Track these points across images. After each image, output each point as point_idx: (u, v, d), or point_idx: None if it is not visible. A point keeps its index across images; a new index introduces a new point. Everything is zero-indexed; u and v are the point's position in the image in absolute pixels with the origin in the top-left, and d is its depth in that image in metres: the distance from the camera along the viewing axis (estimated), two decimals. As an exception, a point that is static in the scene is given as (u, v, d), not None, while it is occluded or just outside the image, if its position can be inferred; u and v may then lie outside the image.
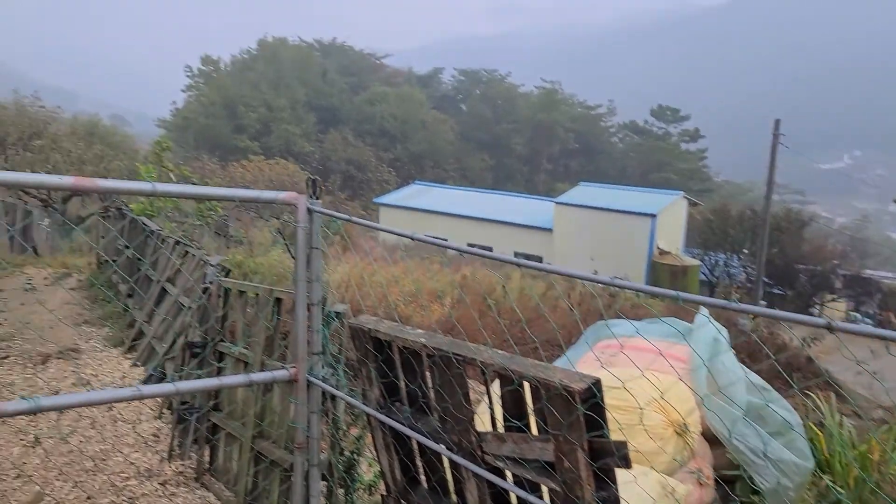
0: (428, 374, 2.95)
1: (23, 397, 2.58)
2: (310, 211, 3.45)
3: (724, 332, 4.60)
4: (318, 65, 77.97)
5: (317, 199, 3.52)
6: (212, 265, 6.14)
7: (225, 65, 75.16)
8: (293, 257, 8.91)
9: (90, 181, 2.99)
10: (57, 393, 6.39)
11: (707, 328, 4.51)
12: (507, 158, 78.17)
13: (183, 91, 71.93)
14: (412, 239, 3.02)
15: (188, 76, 71.91)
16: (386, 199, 45.64)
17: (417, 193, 44.90)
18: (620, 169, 77.78)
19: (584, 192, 37.20)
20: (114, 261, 11.93)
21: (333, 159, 63.95)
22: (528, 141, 78.63)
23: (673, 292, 2.01)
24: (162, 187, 3.14)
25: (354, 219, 3.76)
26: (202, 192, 3.56)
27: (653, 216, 32.95)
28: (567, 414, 2.23)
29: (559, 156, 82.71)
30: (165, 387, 3.29)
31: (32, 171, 19.80)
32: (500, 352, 2.56)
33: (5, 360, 7.51)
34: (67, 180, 2.93)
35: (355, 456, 3.83)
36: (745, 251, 35.80)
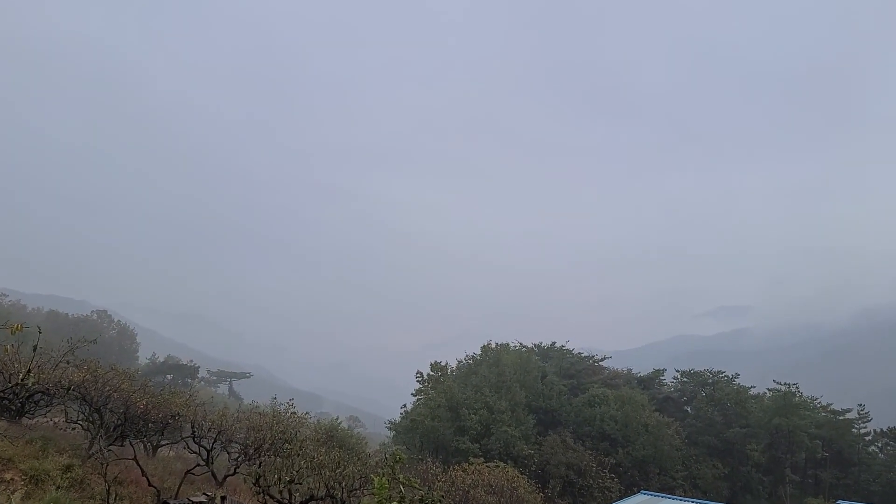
0: None
1: None
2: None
3: None
4: (538, 368, 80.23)
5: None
6: None
7: (451, 370, 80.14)
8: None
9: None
10: None
11: None
12: (742, 466, 70.64)
13: (413, 395, 76.91)
14: None
15: (418, 381, 77.30)
16: (609, 510, 42.56)
17: (644, 505, 41.43)
18: (886, 483, 66.41)
19: (846, 513, 31.85)
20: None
21: (552, 463, 62.24)
22: (767, 448, 71.15)
23: None
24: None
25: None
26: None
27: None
28: None
29: (806, 466, 73.25)
30: None
31: (280, 477, 21.46)
32: None
33: None
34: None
35: None
36: None
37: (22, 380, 15.62)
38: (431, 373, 77.78)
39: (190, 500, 11.91)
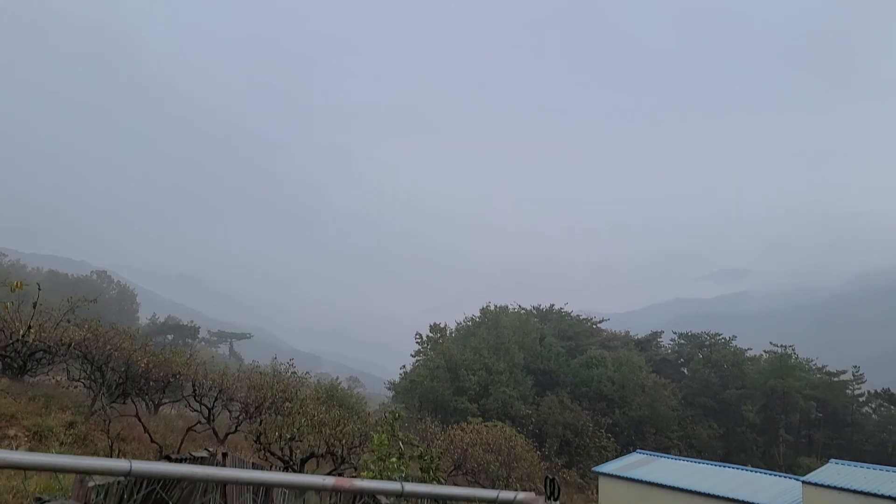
0: None
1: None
2: (546, 514, 3.41)
3: None
4: (536, 330, 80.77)
5: (555, 499, 3.49)
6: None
7: (451, 332, 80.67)
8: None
9: (347, 482, 3.29)
10: None
11: None
12: (738, 427, 71.64)
13: (412, 356, 77.56)
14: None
15: (418, 342, 77.84)
16: (605, 468, 43.24)
17: (639, 463, 42.10)
18: (878, 444, 67.44)
19: (838, 472, 32.28)
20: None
21: (550, 423, 63.08)
22: (762, 409, 72.05)
23: None
24: (409, 487, 3.35)
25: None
26: (444, 492, 3.72)
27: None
28: None
29: (800, 426, 74.28)
30: None
31: (280, 435, 21.73)
32: None
33: None
34: (329, 481, 3.24)
35: None
36: None
37: (23, 336, 15.69)
38: (431, 334, 78.31)
39: (192, 454, 12.02)
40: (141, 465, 2.75)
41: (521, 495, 3.50)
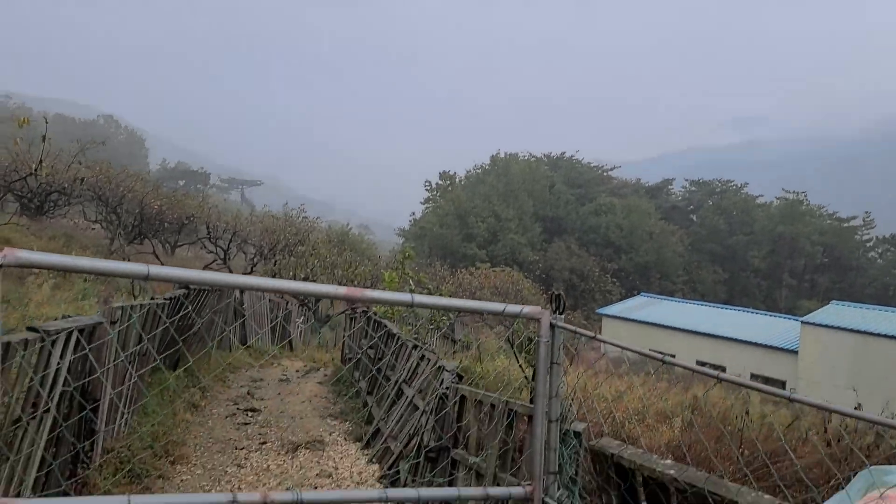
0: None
1: (288, 488, 2.83)
2: (553, 326, 3.49)
3: None
4: (546, 177, 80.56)
5: (560, 314, 3.55)
6: (447, 371, 6.37)
7: (460, 179, 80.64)
8: (521, 367, 8.93)
9: (359, 291, 3.31)
10: (303, 485, 6.92)
11: None
12: (742, 272, 73.23)
13: (422, 203, 78.14)
14: (663, 363, 2.90)
15: (427, 190, 78.11)
16: (609, 310, 44.70)
17: (643, 305, 43.45)
18: (881, 287, 68.97)
19: (838, 313, 33.22)
20: (356, 359, 12.92)
21: (556, 268, 64.55)
22: (768, 254, 73.17)
23: None
24: (419, 299, 3.38)
25: (599, 336, 3.73)
26: (454, 304, 3.77)
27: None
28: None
29: (804, 271, 75.62)
30: (408, 492, 3.43)
31: (295, 275, 22.39)
32: (766, 496, 2.32)
33: (263, 446, 8.32)
34: (342, 290, 3.28)
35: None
36: None
37: (35, 170, 15.71)
38: (440, 182, 78.37)
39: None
40: (158, 270, 2.77)
41: (527, 309, 3.55)
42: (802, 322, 32.77)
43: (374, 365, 11.11)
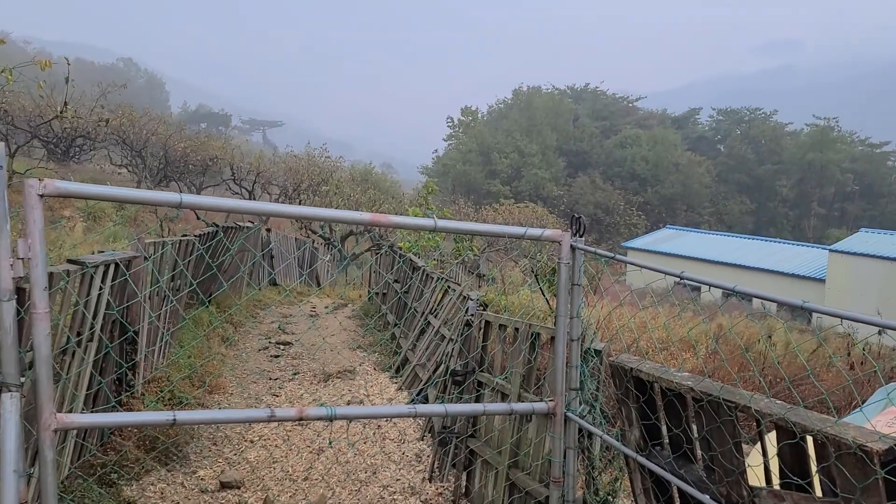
0: (693, 419, 2.84)
1: (322, 404, 2.99)
2: (573, 248, 3.56)
3: None
4: (570, 110, 79.22)
5: (580, 237, 3.62)
6: (472, 299, 6.51)
7: (482, 114, 79.62)
8: (544, 296, 9.04)
9: (384, 217, 3.40)
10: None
11: None
12: (770, 202, 72.10)
13: (444, 140, 77.53)
14: (680, 278, 2.96)
15: (449, 126, 77.36)
16: (634, 243, 44.58)
17: (669, 238, 43.25)
18: (912, 214, 67.64)
19: (866, 240, 32.78)
20: (383, 294, 13.16)
21: (581, 203, 64.13)
22: (797, 183, 71.81)
23: None
24: (442, 223, 3.46)
25: (619, 256, 3.80)
26: (476, 228, 3.86)
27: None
28: (862, 477, 2.02)
29: (834, 199, 74.17)
30: (436, 407, 3.59)
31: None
32: (777, 401, 2.40)
33: (296, 376, 8.65)
34: (366, 216, 3.37)
35: (611, 497, 3.78)
36: None
37: (61, 112, 15.85)
38: (462, 118, 77.46)
39: (237, 223, 12.63)
40: (190, 198, 2.87)
41: (548, 231, 3.62)
42: (830, 250, 32.45)
43: (400, 298, 11.33)
